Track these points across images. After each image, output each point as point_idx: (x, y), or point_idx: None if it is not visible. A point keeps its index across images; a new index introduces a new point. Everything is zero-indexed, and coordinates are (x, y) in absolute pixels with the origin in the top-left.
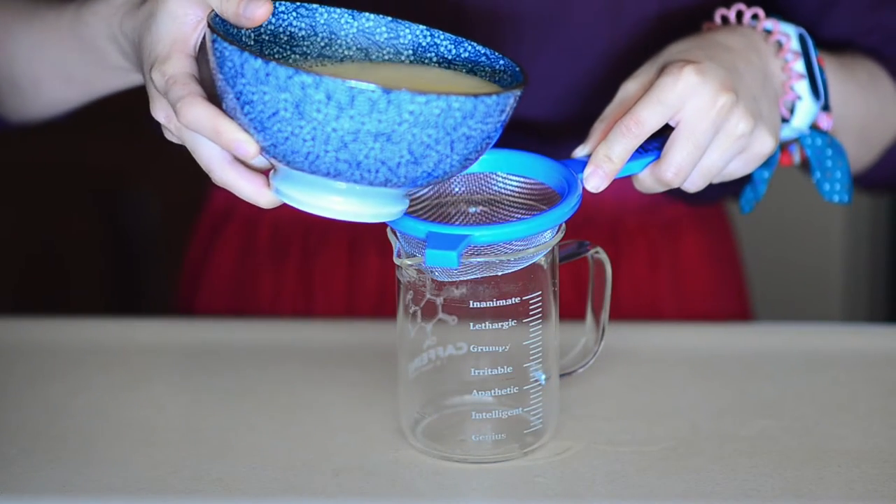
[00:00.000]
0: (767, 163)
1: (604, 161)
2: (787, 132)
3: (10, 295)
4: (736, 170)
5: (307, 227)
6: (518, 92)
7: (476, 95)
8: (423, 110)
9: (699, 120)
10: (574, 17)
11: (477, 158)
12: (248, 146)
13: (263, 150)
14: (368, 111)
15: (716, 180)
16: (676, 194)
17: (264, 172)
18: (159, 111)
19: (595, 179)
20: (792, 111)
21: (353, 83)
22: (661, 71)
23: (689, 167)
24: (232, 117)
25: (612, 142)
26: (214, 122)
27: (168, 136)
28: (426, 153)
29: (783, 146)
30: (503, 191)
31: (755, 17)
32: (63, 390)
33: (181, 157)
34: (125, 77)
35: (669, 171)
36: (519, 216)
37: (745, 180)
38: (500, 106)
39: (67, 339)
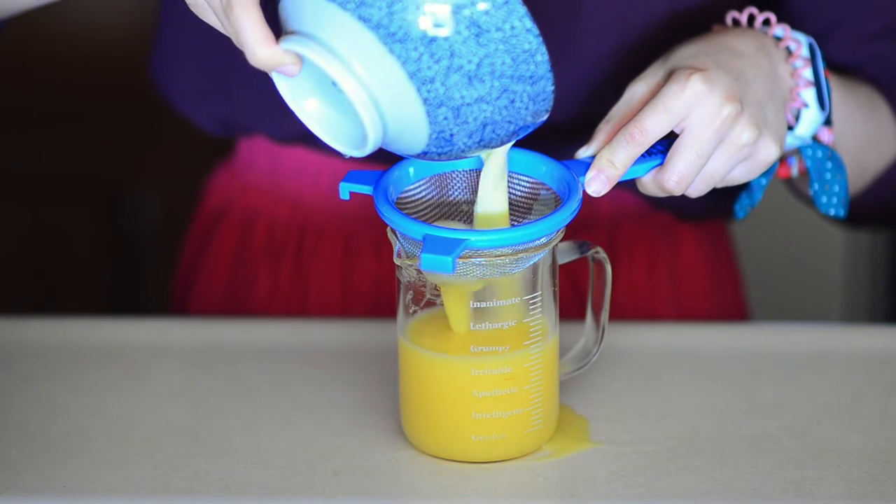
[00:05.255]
0: (766, 170)
1: (606, 166)
2: (790, 140)
3: (10, 295)
4: (739, 176)
5: (302, 228)
6: (545, 116)
7: (551, 69)
8: (519, 34)
9: (703, 129)
10: (585, 18)
11: (494, 139)
12: None
13: None
14: None
15: (718, 185)
16: (669, 207)
17: None
18: None
19: (597, 184)
20: (797, 119)
21: None
22: (669, 76)
23: (691, 176)
24: None
25: (615, 148)
26: None
27: None
28: (484, 80)
29: (782, 158)
30: None
31: (766, 22)
32: (63, 390)
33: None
34: None
35: (672, 179)
36: (518, 217)
37: (739, 190)
38: (548, 101)
39: (67, 339)
